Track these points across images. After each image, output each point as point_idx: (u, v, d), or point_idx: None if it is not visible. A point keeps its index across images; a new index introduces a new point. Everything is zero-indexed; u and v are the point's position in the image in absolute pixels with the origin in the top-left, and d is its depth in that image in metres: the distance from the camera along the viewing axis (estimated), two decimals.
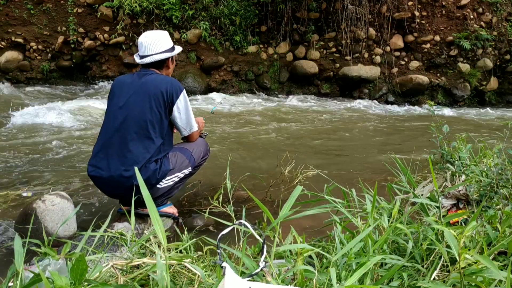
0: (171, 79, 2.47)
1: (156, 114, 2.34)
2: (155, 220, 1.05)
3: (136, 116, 2.33)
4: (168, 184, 2.45)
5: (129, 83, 2.42)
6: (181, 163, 2.49)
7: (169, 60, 2.54)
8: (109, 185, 2.37)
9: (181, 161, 2.50)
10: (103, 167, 2.32)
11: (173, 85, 2.41)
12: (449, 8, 8.55)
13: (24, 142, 4.46)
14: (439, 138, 2.27)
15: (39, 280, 0.89)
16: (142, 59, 2.46)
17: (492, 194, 1.69)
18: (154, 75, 2.45)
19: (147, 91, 2.35)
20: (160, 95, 2.35)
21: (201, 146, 2.70)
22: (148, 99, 2.34)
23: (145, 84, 2.38)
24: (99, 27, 8.87)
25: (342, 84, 8.89)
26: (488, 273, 1.04)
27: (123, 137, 2.31)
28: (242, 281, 0.98)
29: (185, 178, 2.61)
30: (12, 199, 2.93)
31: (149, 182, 2.30)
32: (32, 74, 9.06)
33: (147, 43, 2.44)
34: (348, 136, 5.44)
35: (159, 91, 2.35)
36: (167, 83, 2.40)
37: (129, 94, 2.38)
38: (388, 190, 1.89)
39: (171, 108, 2.40)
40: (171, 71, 2.60)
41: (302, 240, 1.20)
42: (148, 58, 2.44)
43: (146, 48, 2.44)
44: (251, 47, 8.93)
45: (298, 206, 1.35)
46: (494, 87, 8.79)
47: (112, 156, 2.31)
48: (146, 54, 2.45)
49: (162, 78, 2.43)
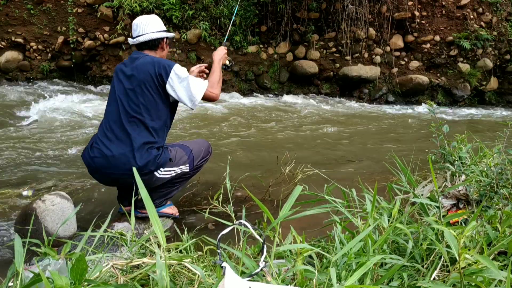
0: (158, 59, 2.40)
1: (149, 98, 2.32)
2: (154, 220, 1.05)
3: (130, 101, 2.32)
4: (165, 176, 2.42)
5: (124, 69, 2.42)
6: (180, 158, 2.48)
7: (163, 41, 2.50)
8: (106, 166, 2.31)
9: (180, 156, 2.49)
10: (102, 149, 2.31)
11: (160, 64, 2.35)
12: (449, 8, 8.55)
13: (24, 142, 4.46)
14: (439, 138, 2.27)
15: (39, 280, 0.89)
16: (137, 38, 2.44)
17: (492, 194, 1.69)
18: (144, 57, 2.39)
19: (137, 76, 2.33)
20: (149, 78, 2.32)
21: (202, 146, 2.69)
22: (138, 83, 2.32)
23: (135, 69, 2.36)
24: (99, 27, 8.87)
25: (342, 84, 8.89)
26: (488, 273, 1.04)
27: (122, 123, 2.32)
28: (242, 281, 0.98)
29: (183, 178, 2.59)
30: (13, 199, 2.93)
31: (149, 167, 2.29)
32: (32, 74, 9.06)
33: (141, 23, 2.43)
34: (348, 136, 5.44)
35: (148, 75, 2.32)
36: (154, 64, 2.34)
37: (123, 80, 2.38)
38: (388, 190, 1.89)
39: (164, 88, 2.35)
40: (165, 54, 2.55)
41: (302, 240, 1.20)
42: (142, 37, 2.42)
43: (139, 28, 2.43)
44: (251, 47, 8.93)
45: (298, 206, 1.35)
46: (494, 87, 8.80)
47: (112, 140, 2.31)
48: (140, 34, 2.43)
49: (149, 60, 2.37)
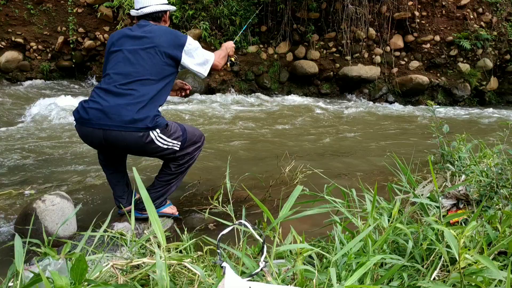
0: (173, 30, 2.53)
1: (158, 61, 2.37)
2: (154, 220, 1.05)
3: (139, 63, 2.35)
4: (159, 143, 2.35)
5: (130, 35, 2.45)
6: (175, 131, 2.46)
7: (166, 14, 2.60)
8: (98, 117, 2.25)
9: (175, 130, 2.47)
10: (99, 100, 2.28)
11: (177, 34, 2.48)
12: (449, 8, 8.55)
13: (24, 142, 4.46)
14: (439, 138, 2.27)
15: (39, 280, 0.89)
16: (141, 9, 2.51)
17: (492, 194, 1.69)
18: (154, 26, 2.49)
19: (151, 39, 2.39)
20: (166, 44, 2.39)
21: (195, 131, 2.69)
22: (152, 46, 2.37)
23: (148, 32, 2.42)
24: (99, 27, 8.87)
25: (342, 84, 8.89)
26: (488, 273, 1.04)
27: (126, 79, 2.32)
28: (242, 281, 0.98)
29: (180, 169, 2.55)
30: (13, 199, 2.93)
31: (146, 122, 2.26)
32: (32, 74, 9.07)
33: None
34: (348, 136, 5.44)
35: (164, 40, 2.39)
36: (170, 33, 2.46)
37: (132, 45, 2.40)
38: (388, 190, 1.89)
39: (175, 58, 2.43)
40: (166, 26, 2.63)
41: (302, 240, 1.20)
42: (146, 9, 2.49)
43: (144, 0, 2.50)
44: (251, 47, 8.93)
45: (298, 206, 1.35)
46: (494, 87, 8.80)
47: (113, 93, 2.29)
48: (144, 5, 2.50)
49: (165, 29, 2.49)
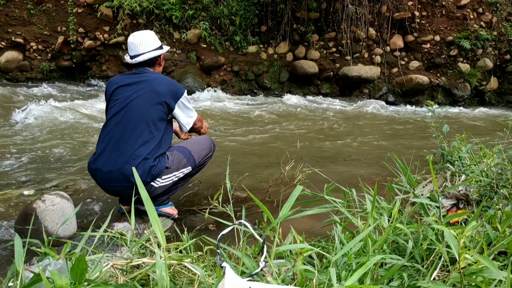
0: (171, 80, 2.57)
1: (157, 112, 2.40)
2: (153, 220, 1.05)
3: (137, 113, 2.37)
4: (166, 183, 2.45)
5: (128, 82, 2.47)
6: (179, 162, 2.49)
7: (160, 58, 2.61)
8: (107, 179, 2.38)
9: (179, 160, 2.49)
10: (103, 161, 2.36)
11: (175, 86, 2.51)
12: (449, 8, 8.55)
13: (25, 141, 4.46)
14: (439, 138, 2.27)
15: (39, 280, 0.89)
16: (135, 58, 2.51)
17: (492, 194, 1.69)
18: (152, 73, 2.51)
19: (148, 89, 2.41)
20: (162, 94, 2.41)
21: (203, 143, 2.69)
22: (149, 97, 2.39)
23: (146, 82, 2.44)
24: (99, 27, 8.87)
25: (342, 84, 8.89)
26: (488, 273, 1.04)
27: (123, 134, 2.35)
28: (242, 281, 0.98)
29: (186, 177, 2.61)
30: (13, 199, 2.93)
31: (144, 178, 2.31)
32: (32, 74, 9.07)
33: (138, 42, 2.50)
34: (348, 136, 5.44)
35: (161, 90, 2.41)
36: (169, 83, 2.49)
37: (130, 92, 2.42)
38: (388, 190, 1.88)
39: (172, 107, 2.46)
40: (161, 68, 2.67)
41: (302, 240, 1.20)
42: (141, 57, 2.50)
43: (137, 47, 2.50)
44: (251, 47, 8.93)
45: (298, 206, 1.35)
46: (494, 87, 8.80)
47: (112, 151, 2.35)
48: (138, 53, 2.50)
49: (164, 78, 2.52)
